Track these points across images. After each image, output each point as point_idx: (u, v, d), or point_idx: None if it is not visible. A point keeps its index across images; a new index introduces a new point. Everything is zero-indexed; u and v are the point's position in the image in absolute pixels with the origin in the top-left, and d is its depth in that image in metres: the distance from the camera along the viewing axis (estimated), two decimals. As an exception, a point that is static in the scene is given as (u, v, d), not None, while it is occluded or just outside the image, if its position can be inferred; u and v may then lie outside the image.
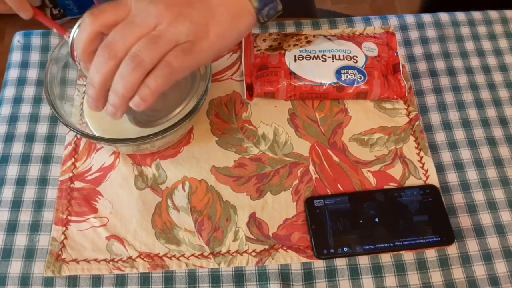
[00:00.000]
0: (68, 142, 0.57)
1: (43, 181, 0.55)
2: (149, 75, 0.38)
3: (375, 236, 0.52)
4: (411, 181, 0.56)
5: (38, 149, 0.57)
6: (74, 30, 0.44)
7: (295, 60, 0.59)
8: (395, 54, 0.61)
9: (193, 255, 0.51)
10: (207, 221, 0.53)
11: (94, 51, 0.38)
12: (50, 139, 0.58)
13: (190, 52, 0.38)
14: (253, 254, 0.51)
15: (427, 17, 0.68)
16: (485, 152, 0.58)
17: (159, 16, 0.37)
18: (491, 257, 0.52)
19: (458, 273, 0.51)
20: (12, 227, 0.53)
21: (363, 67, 0.59)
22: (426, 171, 0.56)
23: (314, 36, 0.62)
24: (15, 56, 0.63)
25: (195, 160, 0.56)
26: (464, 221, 0.54)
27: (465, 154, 0.58)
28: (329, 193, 0.55)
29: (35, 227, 0.53)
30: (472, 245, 0.52)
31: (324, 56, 0.59)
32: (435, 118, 0.60)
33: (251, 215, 0.54)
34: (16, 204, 0.54)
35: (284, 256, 0.51)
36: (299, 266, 0.51)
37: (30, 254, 0.51)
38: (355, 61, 0.59)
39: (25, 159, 0.56)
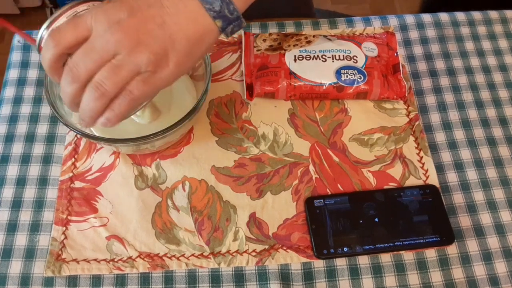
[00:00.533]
0: (68, 142, 0.57)
1: (43, 181, 0.55)
2: (113, 101, 0.40)
3: (375, 236, 0.52)
4: (411, 181, 0.56)
5: (38, 149, 0.57)
6: (41, 32, 0.46)
7: (295, 60, 0.59)
8: (395, 54, 0.61)
9: (193, 255, 0.51)
10: (207, 221, 0.53)
11: (60, 67, 0.40)
12: (50, 139, 0.58)
13: (150, 81, 0.40)
14: (253, 254, 0.52)
15: (427, 17, 0.68)
16: (485, 152, 0.58)
17: (118, 44, 0.38)
18: (491, 257, 0.52)
19: (458, 273, 0.51)
20: (12, 227, 0.53)
21: (363, 67, 0.59)
22: (426, 171, 0.56)
23: (314, 36, 0.62)
24: (15, 56, 0.63)
25: (195, 160, 0.56)
26: (464, 221, 0.54)
27: (465, 154, 0.58)
28: (329, 193, 0.55)
29: (35, 227, 0.53)
30: (472, 245, 0.52)
31: (324, 56, 0.59)
32: (435, 118, 0.60)
33: (251, 215, 0.54)
34: (16, 204, 0.54)
35: (284, 256, 0.51)
36: (299, 266, 0.51)
37: (30, 254, 0.51)
38: (355, 61, 0.59)
39: (25, 159, 0.56)
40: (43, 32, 0.45)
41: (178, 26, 0.39)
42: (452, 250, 0.52)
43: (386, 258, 0.52)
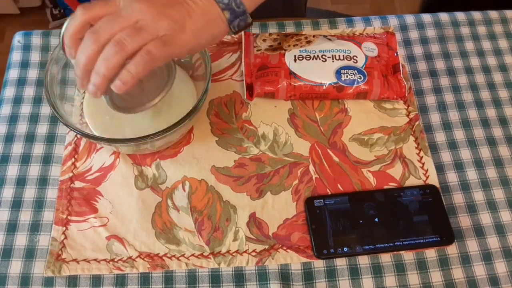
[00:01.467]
0: (68, 142, 0.57)
1: (43, 181, 0.55)
2: (130, 60, 0.42)
3: (375, 236, 0.52)
4: (411, 181, 0.56)
5: (38, 149, 0.57)
6: (66, 25, 0.46)
7: (295, 60, 0.59)
8: (395, 54, 0.61)
9: (193, 255, 0.51)
10: (207, 221, 0.53)
11: (80, 38, 0.43)
12: (50, 139, 0.58)
13: (168, 44, 0.43)
14: (253, 254, 0.52)
15: (427, 17, 0.68)
16: (485, 152, 0.58)
17: (143, 12, 0.42)
18: (491, 257, 0.52)
19: (458, 273, 0.51)
20: (12, 227, 0.53)
21: (363, 67, 0.59)
22: (426, 171, 0.56)
23: (314, 36, 0.62)
24: (15, 56, 0.63)
25: (195, 160, 0.56)
26: (464, 221, 0.54)
27: (465, 154, 0.58)
28: (329, 193, 0.55)
29: (35, 227, 0.53)
30: (472, 245, 0.52)
31: (324, 56, 0.59)
32: (435, 118, 0.60)
33: (251, 215, 0.54)
34: (16, 204, 0.54)
35: (284, 256, 0.51)
36: (299, 266, 0.51)
37: (30, 254, 0.51)
38: (355, 61, 0.59)
39: (25, 159, 0.56)
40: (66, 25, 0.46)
41: (195, 5, 0.44)
42: (452, 250, 0.52)
43: (386, 258, 0.52)
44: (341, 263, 0.51)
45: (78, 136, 0.58)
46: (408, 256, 0.52)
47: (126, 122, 0.55)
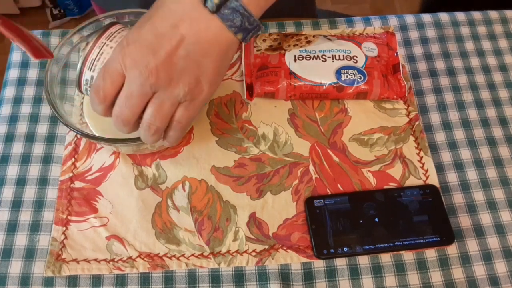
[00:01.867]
0: (68, 142, 0.57)
1: (43, 181, 0.55)
2: (168, 130, 0.45)
3: (375, 236, 0.52)
4: (411, 181, 0.56)
5: (38, 149, 0.57)
6: (79, 68, 0.47)
7: (295, 60, 0.59)
8: (395, 54, 0.61)
9: (193, 255, 0.51)
10: (207, 221, 0.53)
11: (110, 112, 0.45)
12: (50, 139, 0.58)
13: (192, 107, 0.43)
14: (253, 254, 0.52)
15: (427, 17, 0.68)
16: (485, 152, 0.58)
17: (153, 86, 0.41)
18: (491, 257, 0.52)
19: (458, 273, 0.51)
20: (12, 227, 0.53)
21: (363, 67, 0.59)
22: (426, 171, 0.56)
23: (314, 36, 0.62)
24: (15, 56, 0.63)
25: (195, 160, 0.56)
26: (464, 221, 0.54)
27: (465, 154, 0.58)
28: (329, 193, 0.55)
29: (35, 227, 0.53)
30: (472, 245, 0.52)
31: (324, 56, 0.59)
32: (435, 118, 0.60)
33: (251, 215, 0.54)
34: (16, 204, 0.54)
35: (284, 256, 0.51)
36: (299, 266, 0.51)
37: (30, 254, 0.51)
38: (355, 61, 0.59)
39: (25, 159, 0.56)
40: (81, 68, 0.47)
41: (202, 51, 0.41)
42: (452, 250, 0.52)
43: (386, 258, 0.52)
44: (341, 263, 0.51)
45: (78, 136, 0.58)
46: (408, 256, 0.52)
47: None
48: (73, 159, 0.56)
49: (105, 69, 0.42)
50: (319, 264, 0.51)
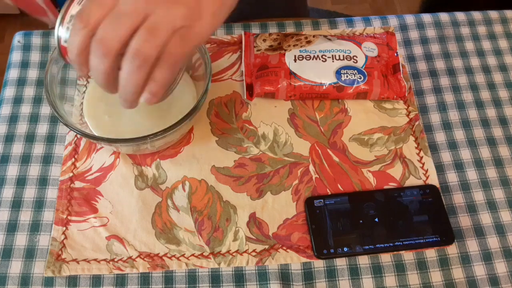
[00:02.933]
0: (68, 142, 0.57)
1: (43, 181, 0.55)
2: (155, 69, 0.37)
3: (375, 236, 0.52)
4: (411, 181, 0.56)
5: (38, 149, 0.57)
6: (57, 31, 0.42)
7: (295, 60, 0.59)
8: (395, 54, 0.61)
9: (193, 255, 0.51)
10: (207, 221, 0.53)
11: (88, 53, 0.37)
12: (50, 139, 0.58)
13: (189, 38, 0.37)
14: (253, 254, 0.52)
15: (427, 17, 0.68)
16: (485, 152, 0.58)
17: (148, 3, 0.35)
18: (491, 257, 0.52)
19: (458, 273, 0.51)
20: (12, 227, 0.53)
21: (363, 67, 0.59)
22: (426, 171, 0.56)
23: (314, 36, 0.62)
24: (15, 56, 0.63)
25: (195, 160, 0.56)
26: (464, 221, 0.54)
27: (465, 154, 0.58)
28: (329, 193, 0.55)
29: (35, 227, 0.53)
30: (472, 245, 0.52)
31: (324, 56, 0.59)
32: (435, 118, 0.60)
33: (251, 215, 0.54)
34: (16, 204, 0.54)
35: (284, 256, 0.51)
36: (299, 266, 0.51)
37: (30, 254, 0.51)
38: (355, 61, 0.59)
39: (25, 159, 0.56)
40: (59, 31, 0.41)
41: None
42: (452, 250, 0.52)
43: (386, 258, 0.52)
44: (341, 263, 0.51)
45: (78, 136, 0.58)
46: (408, 256, 0.52)
47: (126, 122, 0.55)
48: (73, 159, 0.56)
49: None
50: (319, 264, 0.51)
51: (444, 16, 0.68)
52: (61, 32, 0.41)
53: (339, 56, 0.59)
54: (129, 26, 0.35)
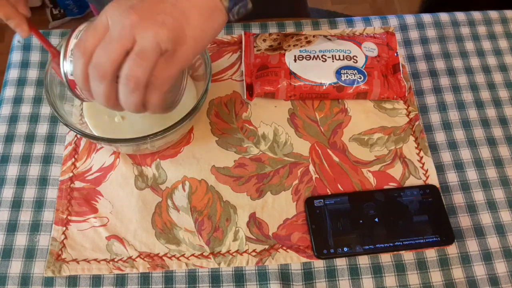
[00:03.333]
0: (68, 142, 0.57)
1: (43, 181, 0.55)
2: (146, 92, 0.40)
3: (375, 236, 0.52)
4: (411, 181, 0.56)
5: (38, 149, 0.57)
6: (62, 68, 0.44)
7: (295, 60, 0.59)
8: (395, 54, 0.61)
9: (193, 255, 0.51)
10: (207, 221, 0.53)
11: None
12: (50, 139, 0.58)
13: (173, 61, 0.40)
14: (253, 254, 0.52)
15: (427, 17, 0.68)
16: (485, 152, 0.58)
17: (134, 27, 0.38)
18: (491, 257, 0.52)
19: (458, 273, 0.51)
20: (12, 227, 0.53)
21: (363, 67, 0.59)
22: (426, 171, 0.56)
23: (314, 36, 0.62)
24: (15, 56, 0.63)
25: (195, 160, 0.56)
26: (464, 221, 0.54)
27: (465, 154, 0.58)
28: (329, 193, 0.55)
29: (35, 227, 0.53)
30: (472, 245, 0.52)
31: (324, 56, 0.59)
32: (435, 118, 0.60)
33: (251, 215, 0.54)
34: (16, 204, 0.54)
35: (284, 256, 0.51)
36: (299, 266, 0.51)
37: (30, 254, 0.51)
38: (355, 61, 0.59)
39: (25, 159, 0.56)
40: (64, 66, 0.44)
41: (190, 3, 0.40)
42: (452, 250, 0.52)
43: (386, 258, 0.52)
44: (341, 263, 0.51)
45: (78, 136, 0.58)
46: (408, 256, 0.52)
47: (126, 122, 0.55)
48: (73, 159, 0.56)
49: (89, 24, 0.40)
50: (319, 264, 0.51)
51: (444, 16, 0.68)
52: (66, 66, 0.44)
53: (339, 56, 0.59)
54: (119, 50, 0.38)
